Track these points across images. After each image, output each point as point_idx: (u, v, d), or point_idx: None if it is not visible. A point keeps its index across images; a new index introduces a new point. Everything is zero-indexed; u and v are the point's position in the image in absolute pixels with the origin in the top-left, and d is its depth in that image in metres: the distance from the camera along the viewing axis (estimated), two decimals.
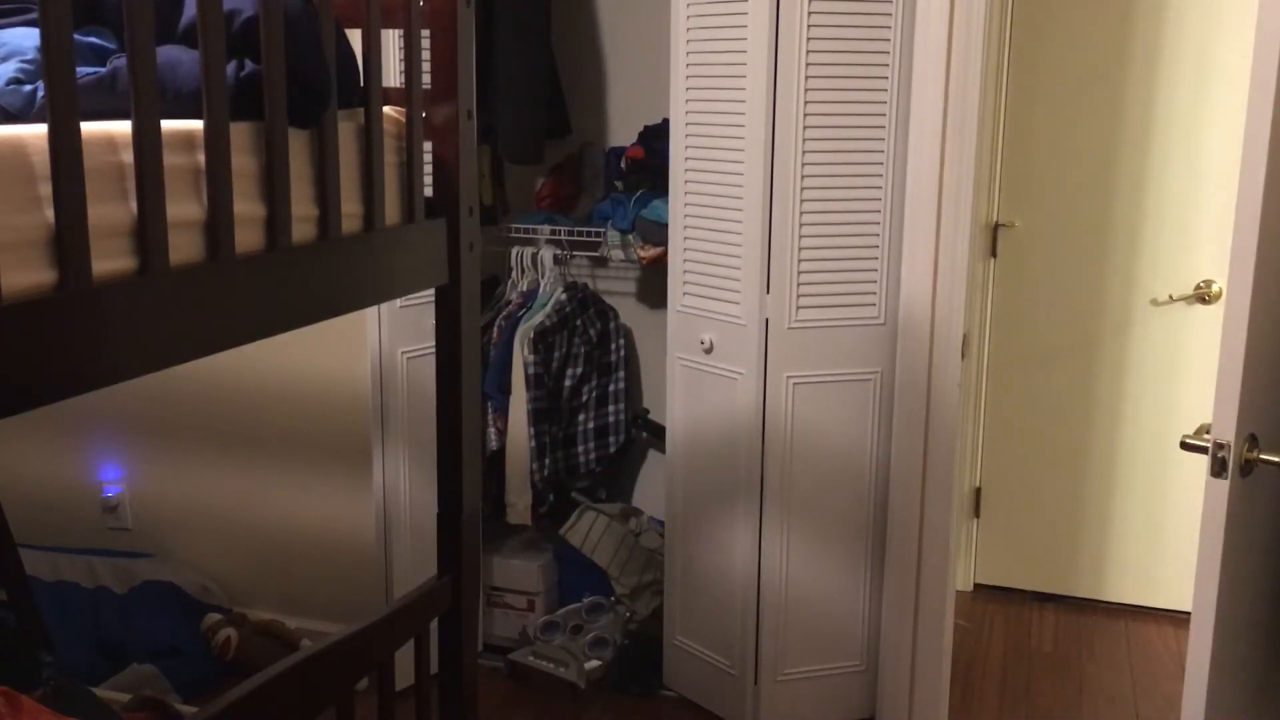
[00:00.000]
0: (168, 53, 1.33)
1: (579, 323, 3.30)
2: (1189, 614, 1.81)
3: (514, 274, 3.35)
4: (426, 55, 1.79)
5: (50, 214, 1.09)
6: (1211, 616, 1.73)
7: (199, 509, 3.35)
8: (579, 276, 3.48)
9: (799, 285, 2.68)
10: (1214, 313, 3.31)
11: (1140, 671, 3.28)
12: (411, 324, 2.90)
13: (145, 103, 1.18)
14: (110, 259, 1.17)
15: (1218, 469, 1.68)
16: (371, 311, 2.85)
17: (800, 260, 2.67)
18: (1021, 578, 3.76)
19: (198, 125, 1.29)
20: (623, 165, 3.32)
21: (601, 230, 3.29)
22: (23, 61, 1.33)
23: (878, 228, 2.68)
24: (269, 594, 3.31)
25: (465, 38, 1.79)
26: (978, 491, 3.73)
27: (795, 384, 2.73)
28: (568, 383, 3.28)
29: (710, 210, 2.77)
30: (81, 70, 1.24)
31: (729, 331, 2.78)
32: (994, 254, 3.59)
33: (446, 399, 1.90)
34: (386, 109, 1.70)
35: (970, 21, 2.50)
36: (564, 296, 3.27)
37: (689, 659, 3.04)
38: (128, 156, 1.18)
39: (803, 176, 2.62)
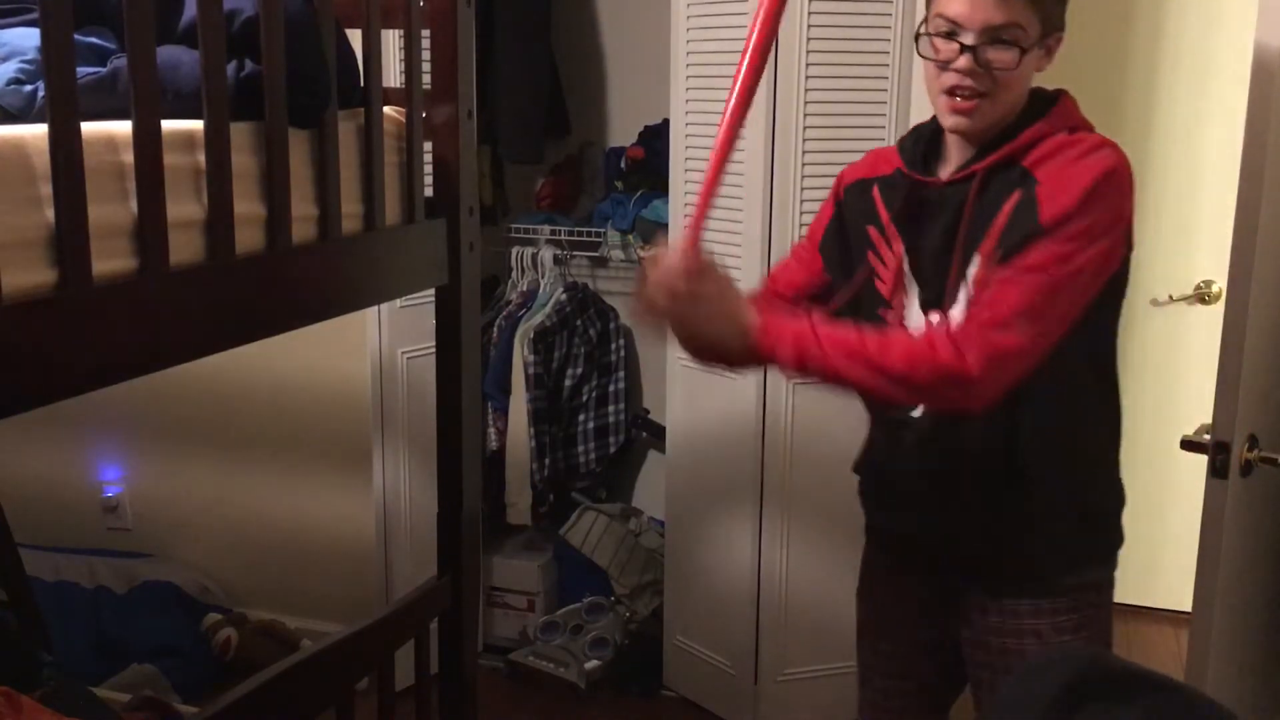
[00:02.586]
0: (168, 53, 1.33)
1: (579, 323, 3.30)
2: (1189, 614, 1.82)
3: (514, 274, 3.35)
4: (426, 55, 1.79)
5: (50, 214, 1.09)
6: (1211, 616, 1.73)
7: (199, 509, 3.34)
8: (579, 276, 3.47)
9: None
10: (1214, 313, 3.30)
11: None
12: (411, 324, 2.90)
13: (145, 103, 1.18)
14: (110, 259, 1.17)
15: (1218, 469, 1.68)
16: (371, 311, 2.85)
17: None
18: None
19: (198, 125, 1.29)
20: (623, 165, 3.31)
21: (601, 230, 3.29)
22: (23, 61, 1.33)
23: None
24: (269, 594, 3.31)
25: (465, 38, 1.79)
26: None
27: (795, 384, 2.72)
28: (568, 383, 3.28)
29: (710, 210, 2.77)
30: (81, 70, 1.24)
31: None
32: None
33: (446, 399, 1.90)
34: (386, 109, 1.70)
35: None
36: (564, 296, 3.26)
37: (689, 659, 3.03)
38: (128, 156, 1.19)
39: (803, 177, 2.62)
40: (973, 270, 1.53)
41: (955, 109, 1.50)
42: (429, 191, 1.82)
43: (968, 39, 1.46)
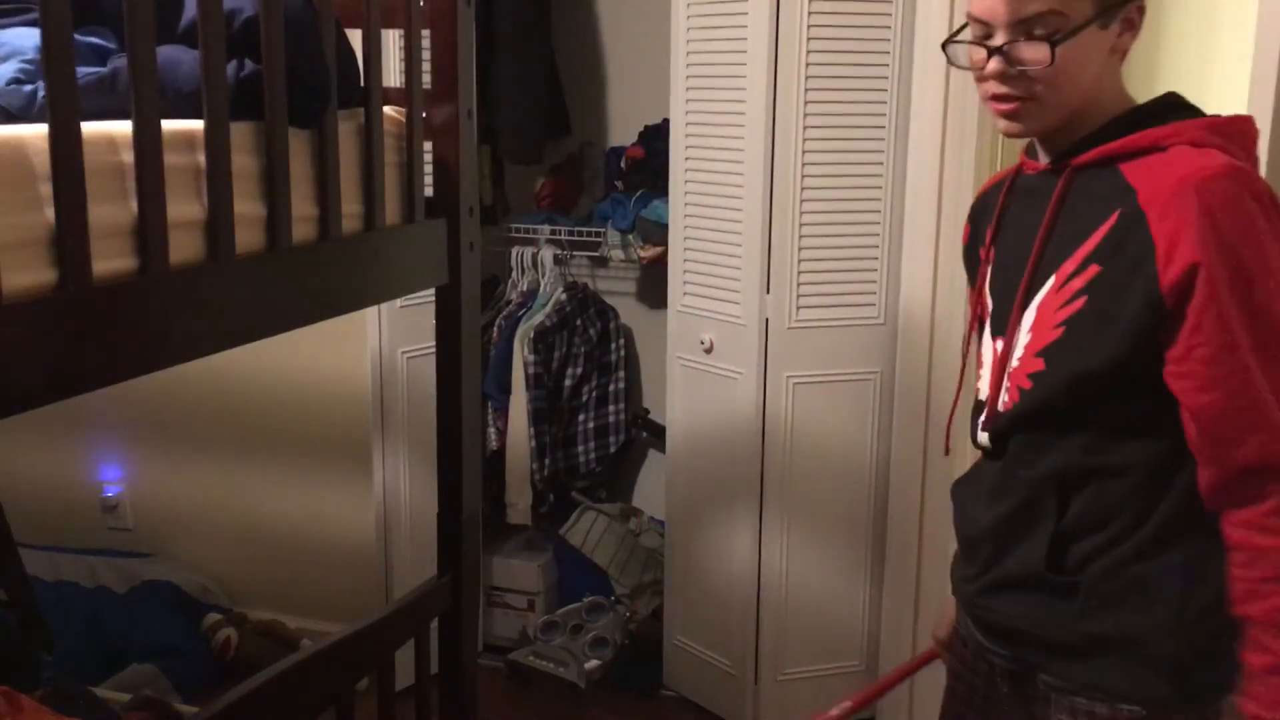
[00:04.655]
0: (168, 53, 1.33)
1: (579, 323, 3.30)
2: None
3: (514, 274, 3.35)
4: (426, 55, 1.79)
5: (50, 214, 1.09)
6: None
7: (199, 509, 3.35)
8: (579, 276, 3.47)
9: (799, 285, 2.68)
10: None
11: None
12: (411, 324, 2.90)
13: (145, 103, 1.18)
14: (110, 259, 1.17)
15: None
16: (371, 311, 2.85)
17: (800, 260, 2.67)
18: None
19: (198, 125, 1.29)
20: (623, 165, 3.32)
21: (601, 230, 3.29)
22: (23, 61, 1.33)
23: (878, 228, 2.67)
24: (269, 594, 3.31)
25: (465, 38, 1.79)
26: None
27: (795, 384, 2.72)
28: (568, 382, 3.28)
29: (710, 210, 2.77)
30: (81, 70, 1.24)
31: (729, 331, 2.78)
32: None
33: (446, 399, 1.90)
34: (386, 109, 1.70)
35: None
36: (564, 296, 3.26)
37: (689, 659, 3.03)
38: (128, 156, 1.18)
39: (803, 176, 2.62)
40: (1043, 293, 1.33)
41: (999, 113, 1.33)
42: (429, 191, 1.82)
43: (998, 39, 1.28)
